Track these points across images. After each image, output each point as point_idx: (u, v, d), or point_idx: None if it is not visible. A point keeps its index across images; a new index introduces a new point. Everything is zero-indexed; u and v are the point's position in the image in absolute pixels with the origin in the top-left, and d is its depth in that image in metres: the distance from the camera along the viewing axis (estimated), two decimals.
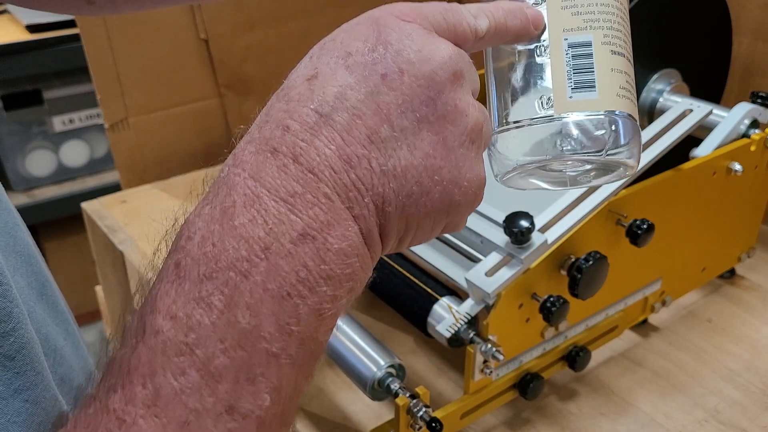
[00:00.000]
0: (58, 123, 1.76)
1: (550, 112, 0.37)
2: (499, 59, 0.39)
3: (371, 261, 0.34)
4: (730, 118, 0.66)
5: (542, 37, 0.37)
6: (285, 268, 0.30)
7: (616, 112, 0.37)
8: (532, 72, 0.37)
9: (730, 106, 0.67)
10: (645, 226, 0.57)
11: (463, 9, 0.36)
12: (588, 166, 0.39)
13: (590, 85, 0.36)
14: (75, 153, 1.82)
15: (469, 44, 0.36)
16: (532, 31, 0.37)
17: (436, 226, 0.36)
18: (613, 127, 0.36)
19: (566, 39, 0.37)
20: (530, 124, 0.37)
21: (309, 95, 0.33)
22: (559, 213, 0.56)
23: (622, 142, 0.37)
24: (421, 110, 0.33)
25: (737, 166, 0.64)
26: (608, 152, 0.37)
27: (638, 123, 0.38)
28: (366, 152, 0.32)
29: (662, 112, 0.70)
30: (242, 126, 0.35)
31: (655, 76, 0.71)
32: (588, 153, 0.37)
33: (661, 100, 0.71)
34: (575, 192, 0.57)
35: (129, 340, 0.30)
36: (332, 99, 0.33)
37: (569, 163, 0.38)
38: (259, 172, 0.31)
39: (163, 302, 0.30)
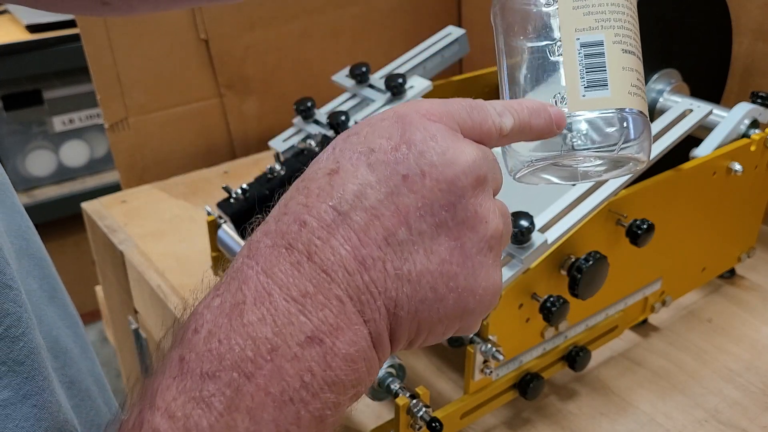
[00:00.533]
0: (58, 123, 1.77)
1: (564, 109, 0.37)
2: (512, 58, 0.39)
3: (378, 364, 0.34)
4: (730, 118, 0.66)
5: (555, 37, 0.38)
6: (290, 372, 0.30)
7: (627, 110, 0.37)
8: (545, 71, 0.38)
9: (730, 106, 0.67)
10: (645, 226, 0.57)
11: (488, 107, 0.36)
12: (599, 162, 0.39)
13: (603, 84, 0.37)
14: (75, 153, 1.82)
15: (493, 142, 0.36)
16: (554, 131, 0.37)
17: (448, 331, 0.35)
18: (625, 124, 0.37)
19: (578, 39, 0.37)
20: None
21: (329, 191, 0.32)
22: (559, 213, 0.56)
23: (633, 138, 0.37)
24: (440, 215, 0.33)
25: (737, 166, 0.64)
26: (620, 148, 0.37)
27: (648, 118, 0.38)
28: (381, 254, 0.32)
29: (662, 112, 0.70)
30: (258, 216, 0.35)
31: (655, 76, 0.71)
32: (600, 149, 0.37)
33: (661, 100, 0.71)
34: (575, 192, 0.57)
35: None
36: (351, 197, 0.32)
37: (581, 159, 0.39)
38: (272, 268, 0.31)
39: (163, 398, 0.29)
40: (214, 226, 0.71)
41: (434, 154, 0.33)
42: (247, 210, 0.67)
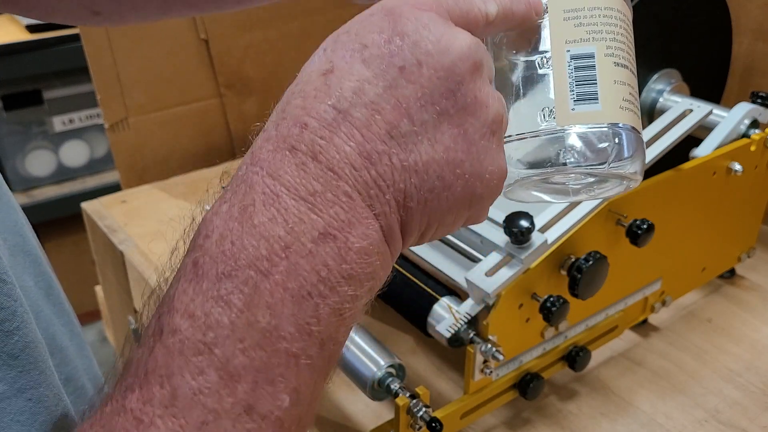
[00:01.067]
0: (58, 123, 1.77)
1: (553, 124, 0.36)
2: (501, 70, 0.38)
3: (392, 258, 0.34)
4: (730, 118, 0.66)
5: (544, 49, 0.37)
6: (306, 268, 0.30)
7: (619, 125, 0.36)
8: (535, 83, 0.37)
9: (730, 106, 0.67)
10: (645, 226, 0.57)
11: None
12: (591, 179, 0.38)
13: (593, 98, 0.36)
14: (75, 153, 1.82)
15: (480, 29, 0.36)
16: (533, 17, 0.37)
17: (458, 220, 0.36)
18: (617, 140, 0.36)
19: (569, 51, 0.36)
20: (532, 136, 0.37)
21: (326, 90, 0.32)
22: (559, 213, 0.56)
23: (626, 154, 0.36)
24: (441, 103, 0.33)
25: (737, 166, 0.64)
26: (611, 165, 0.36)
27: (642, 135, 0.38)
28: (386, 148, 0.32)
29: (662, 112, 0.70)
30: (258, 123, 0.34)
31: (655, 76, 0.71)
32: (591, 166, 0.36)
33: (661, 100, 0.71)
34: None
35: (146, 340, 0.30)
36: (350, 94, 0.32)
37: (572, 175, 0.38)
38: (277, 171, 0.31)
39: (181, 301, 0.30)
40: None
41: (429, 43, 0.32)
42: None
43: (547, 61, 0.37)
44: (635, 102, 0.38)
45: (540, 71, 0.37)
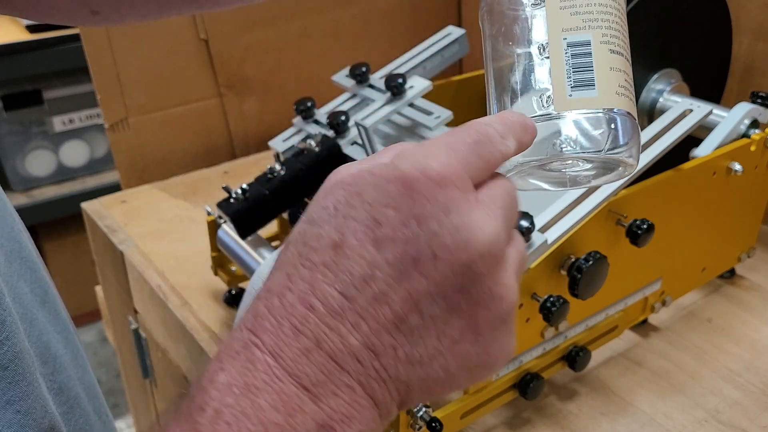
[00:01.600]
0: (58, 123, 1.77)
1: (550, 110, 0.37)
2: (498, 60, 0.39)
3: (383, 428, 0.33)
4: (730, 118, 0.66)
5: (542, 38, 0.37)
6: None
7: (615, 110, 0.37)
8: (532, 71, 0.38)
9: (730, 106, 0.67)
10: (645, 226, 0.57)
11: (493, 133, 0.34)
12: (587, 165, 0.39)
13: (589, 84, 0.36)
14: (75, 153, 1.82)
15: (497, 167, 0.35)
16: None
17: (455, 394, 0.36)
18: (613, 126, 0.37)
19: (565, 38, 0.37)
20: None
21: (334, 270, 0.31)
22: (559, 213, 0.56)
23: (621, 140, 0.37)
24: (453, 298, 0.31)
25: (737, 166, 0.64)
26: (607, 151, 0.37)
27: (637, 121, 0.38)
28: (392, 341, 0.31)
29: (662, 112, 0.70)
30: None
31: (655, 76, 0.71)
32: (587, 152, 0.37)
33: (661, 100, 0.71)
34: (575, 192, 0.57)
35: None
36: (359, 281, 0.31)
37: (569, 162, 0.38)
38: (280, 353, 0.30)
39: None
40: (214, 226, 0.71)
41: (447, 235, 0.31)
42: (247, 210, 0.67)
43: (544, 50, 0.37)
44: (630, 88, 0.38)
45: (538, 60, 0.37)
